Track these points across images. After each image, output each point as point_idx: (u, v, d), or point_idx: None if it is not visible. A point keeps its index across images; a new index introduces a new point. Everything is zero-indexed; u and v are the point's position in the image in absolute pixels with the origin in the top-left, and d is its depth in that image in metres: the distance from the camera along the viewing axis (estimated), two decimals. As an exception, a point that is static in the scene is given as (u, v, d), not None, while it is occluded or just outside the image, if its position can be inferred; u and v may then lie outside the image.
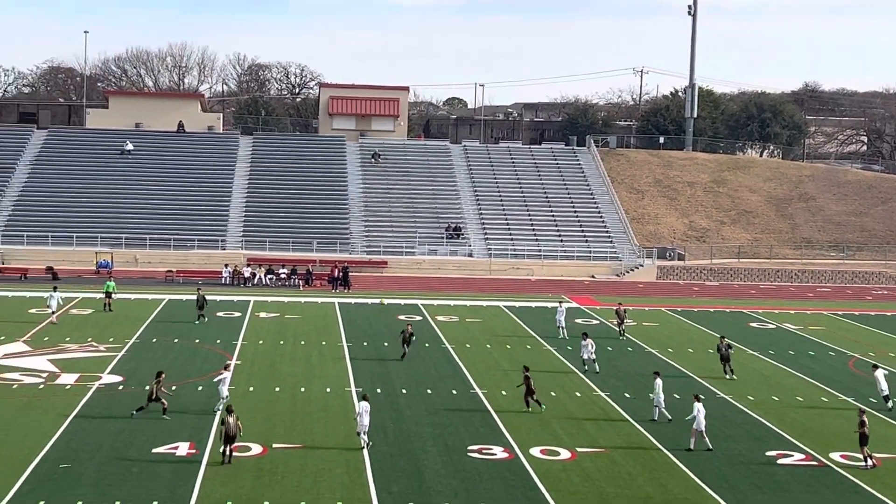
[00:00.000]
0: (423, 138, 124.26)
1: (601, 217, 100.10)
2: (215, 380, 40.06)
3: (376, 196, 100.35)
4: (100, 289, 66.45)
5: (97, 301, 64.87)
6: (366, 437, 34.77)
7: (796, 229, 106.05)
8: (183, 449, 33.99)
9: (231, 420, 32.69)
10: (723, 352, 49.15)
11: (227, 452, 32.68)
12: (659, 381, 40.35)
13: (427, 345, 54.25)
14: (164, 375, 38.96)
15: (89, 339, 53.22)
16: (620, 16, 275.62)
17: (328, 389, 43.55)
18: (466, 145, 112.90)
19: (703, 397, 37.86)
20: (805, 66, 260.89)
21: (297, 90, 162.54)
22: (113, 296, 63.43)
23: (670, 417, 39.83)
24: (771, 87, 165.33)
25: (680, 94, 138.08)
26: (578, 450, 35.45)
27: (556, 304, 61.70)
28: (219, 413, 37.72)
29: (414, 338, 51.25)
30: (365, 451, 34.17)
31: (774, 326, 66.07)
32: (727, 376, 48.51)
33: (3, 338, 52.92)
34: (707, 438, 35.81)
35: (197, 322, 58.77)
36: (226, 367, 41.83)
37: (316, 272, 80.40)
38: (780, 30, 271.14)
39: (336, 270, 77.28)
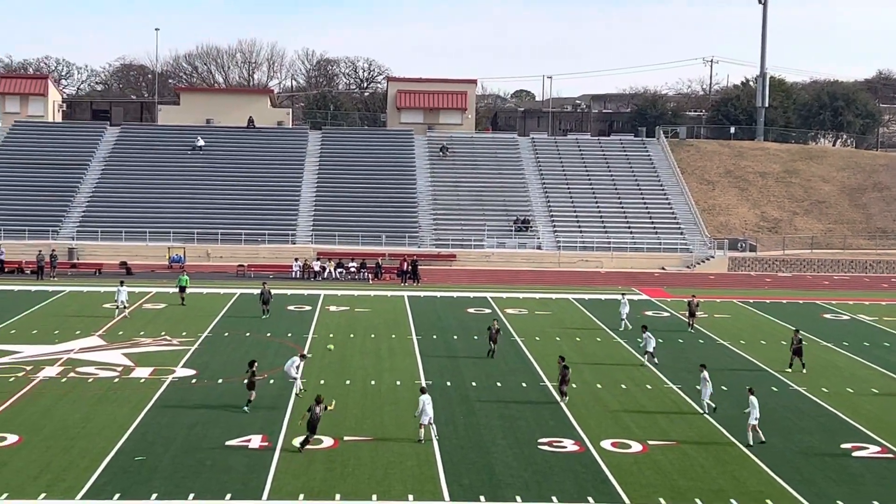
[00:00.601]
0: (491, 131, 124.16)
1: (671, 208, 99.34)
2: (289, 366, 40.76)
3: (444, 189, 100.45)
4: (172, 284, 67.32)
5: (170, 296, 65.68)
6: (434, 428, 34.94)
7: (870, 219, 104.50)
8: (255, 442, 34.30)
9: (318, 409, 33.31)
10: (795, 344, 48.54)
11: (306, 441, 33.28)
12: (706, 374, 39.83)
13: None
14: (256, 364, 39.52)
15: (163, 334, 53.88)
16: (690, 5, 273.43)
17: (398, 382, 43.71)
18: (534, 138, 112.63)
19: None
20: (878, 53, 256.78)
21: (366, 84, 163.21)
22: (186, 290, 64.17)
23: (706, 411, 39.49)
24: (843, 76, 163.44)
25: (751, 83, 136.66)
26: (650, 442, 35.25)
27: (620, 297, 61.37)
28: (295, 388, 38.60)
29: (501, 334, 50.86)
30: (435, 444, 34.24)
31: (849, 318, 65.20)
32: (789, 369, 47.83)
33: (78, 332, 53.74)
34: (751, 434, 35.35)
35: (265, 316, 59.16)
36: (302, 356, 42.00)
37: (385, 266, 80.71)
38: (853, 17, 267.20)
39: (405, 264, 77.51)
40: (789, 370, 47.71)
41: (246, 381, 39.04)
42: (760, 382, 45.11)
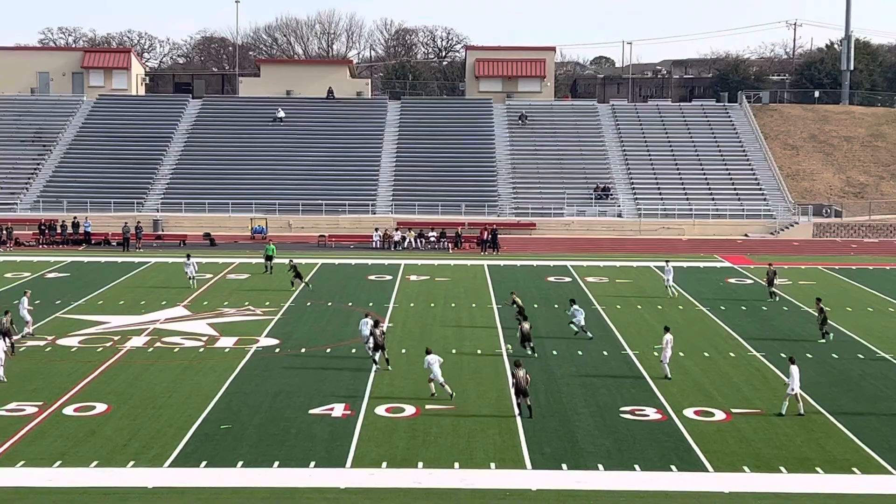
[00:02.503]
0: (571, 98, 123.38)
1: (754, 174, 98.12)
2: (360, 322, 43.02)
3: (524, 158, 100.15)
4: (255, 254, 67.98)
5: (253, 266, 66.43)
6: (448, 388, 35.90)
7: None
8: (338, 410, 34.60)
9: (521, 373, 33.71)
10: (820, 314, 47.11)
11: (526, 406, 33.84)
12: (668, 337, 39.62)
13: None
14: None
15: (246, 304, 54.48)
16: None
17: (479, 351, 43.78)
18: (614, 104, 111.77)
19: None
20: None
21: (444, 53, 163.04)
22: (273, 259, 64.80)
23: (667, 375, 39.28)
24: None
25: (835, 46, 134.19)
26: (733, 411, 34.97)
27: (664, 264, 60.75)
28: (376, 357, 39.78)
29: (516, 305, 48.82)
30: (517, 413, 34.27)
31: (937, 284, 63.99)
32: (822, 340, 46.42)
33: (164, 302, 54.55)
34: (801, 403, 34.71)
35: (310, 287, 58.85)
36: (367, 314, 43.68)
37: (465, 235, 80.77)
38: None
39: (485, 233, 77.51)
40: (823, 341, 46.36)
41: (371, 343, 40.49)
42: (845, 349, 44.52)
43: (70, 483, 28.00)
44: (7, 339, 40.93)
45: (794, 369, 34.61)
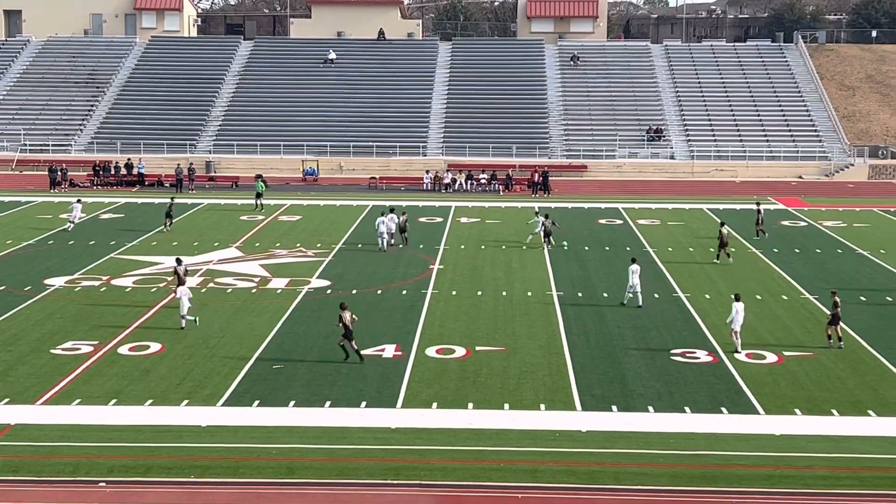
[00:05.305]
0: (623, 39, 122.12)
1: (809, 116, 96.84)
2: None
3: (575, 99, 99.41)
4: (308, 197, 68.24)
5: (305, 208, 66.73)
6: (188, 320, 37.45)
7: None
8: (389, 351, 34.85)
9: (347, 315, 33.22)
10: (723, 238, 50.09)
11: (354, 350, 33.45)
12: (634, 267, 41.28)
13: (628, 248, 53.86)
14: None
15: (298, 245, 54.78)
16: None
17: (529, 293, 43.80)
18: (668, 45, 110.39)
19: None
20: None
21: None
22: (262, 196, 66.11)
23: (640, 304, 41.05)
24: None
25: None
26: (785, 353, 34.80)
27: (535, 214, 58.10)
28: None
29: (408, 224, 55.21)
30: (567, 355, 34.35)
31: None
32: (717, 260, 50.07)
33: (216, 244, 54.96)
34: (739, 340, 34.76)
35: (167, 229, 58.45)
36: (392, 210, 52.72)
37: (516, 177, 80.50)
38: None
39: (536, 175, 77.22)
40: (717, 261, 49.96)
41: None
42: (901, 293, 44.15)
43: (125, 421, 28.43)
44: None
45: (739, 306, 34.69)
